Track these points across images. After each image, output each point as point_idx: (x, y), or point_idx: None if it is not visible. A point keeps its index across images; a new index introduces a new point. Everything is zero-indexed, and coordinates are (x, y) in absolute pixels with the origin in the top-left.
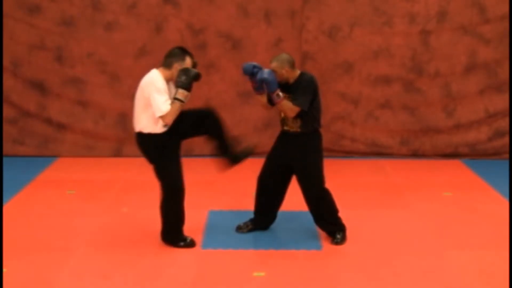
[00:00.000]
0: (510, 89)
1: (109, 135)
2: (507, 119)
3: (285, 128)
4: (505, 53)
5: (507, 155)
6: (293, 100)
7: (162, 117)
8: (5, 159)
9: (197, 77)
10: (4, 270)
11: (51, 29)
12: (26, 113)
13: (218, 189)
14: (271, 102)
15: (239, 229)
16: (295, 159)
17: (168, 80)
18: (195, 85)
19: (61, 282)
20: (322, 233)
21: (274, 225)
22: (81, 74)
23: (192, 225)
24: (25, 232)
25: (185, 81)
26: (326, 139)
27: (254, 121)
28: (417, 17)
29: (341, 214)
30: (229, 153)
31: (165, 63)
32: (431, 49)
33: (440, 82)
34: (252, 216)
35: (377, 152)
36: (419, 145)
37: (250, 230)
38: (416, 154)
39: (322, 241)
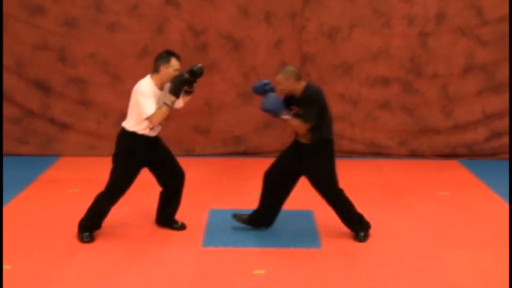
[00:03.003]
0: (510, 91)
1: (111, 134)
2: (504, 120)
3: (298, 138)
4: (503, 55)
5: (504, 156)
6: (301, 116)
7: (148, 118)
8: (9, 158)
9: (185, 82)
10: (8, 267)
11: (54, 30)
12: (30, 112)
13: (219, 188)
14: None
15: (234, 216)
16: (308, 168)
17: (161, 83)
18: (196, 86)
19: (63, 279)
20: (321, 232)
21: (273, 224)
22: (84, 74)
23: (193, 224)
24: (28, 230)
25: (171, 87)
26: None
27: (254, 122)
28: (415, 19)
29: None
30: (171, 224)
31: (154, 68)
32: (430, 50)
33: (438, 83)
34: None
35: (376, 152)
36: (417, 146)
37: (245, 223)
38: (414, 154)
39: (321, 240)
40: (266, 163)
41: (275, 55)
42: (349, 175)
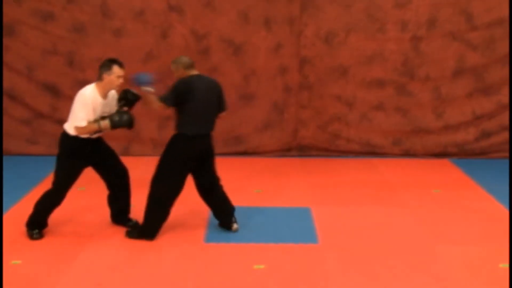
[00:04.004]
0: (510, 90)
1: (117, 134)
2: (493, 121)
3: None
4: (491, 58)
5: (493, 155)
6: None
7: (75, 127)
8: (19, 158)
9: (128, 125)
10: (18, 262)
11: (63, 35)
12: (39, 114)
13: None
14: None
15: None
16: None
17: (105, 91)
18: None
19: (71, 274)
20: (318, 228)
21: (273, 221)
22: (91, 77)
23: (196, 220)
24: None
25: (114, 120)
26: (323, 139)
27: (255, 122)
28: (408, 24)
29: (338, 210)
30: (125, 221)
31: (98, 76)
32: (422, 54)
33: (430, 85)
34: (247, 211)
35: (371, 151)
36: (410, 145)
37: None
38: (407, 154)
39: (318, 236)
40: (266, 162)
41: (274, 59)
42: (345, 174)
